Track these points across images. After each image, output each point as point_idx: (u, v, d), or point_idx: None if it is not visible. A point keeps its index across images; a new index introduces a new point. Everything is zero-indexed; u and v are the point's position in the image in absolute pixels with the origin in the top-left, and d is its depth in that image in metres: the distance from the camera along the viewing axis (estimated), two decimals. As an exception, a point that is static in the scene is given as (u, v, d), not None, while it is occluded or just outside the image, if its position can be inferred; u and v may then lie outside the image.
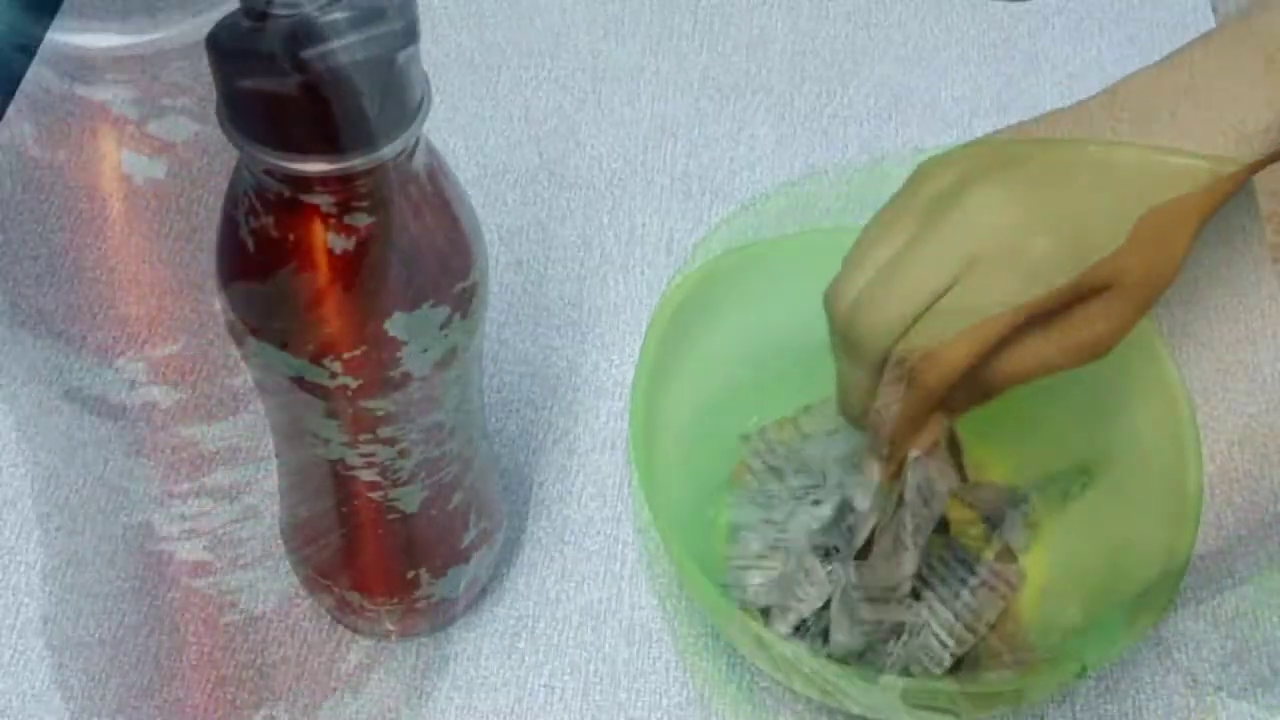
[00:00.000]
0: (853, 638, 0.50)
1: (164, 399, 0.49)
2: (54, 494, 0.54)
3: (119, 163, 0.43)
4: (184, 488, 0.53)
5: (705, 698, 0.52)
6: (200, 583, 0.53)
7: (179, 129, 0.42)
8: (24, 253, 0.46)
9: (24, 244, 0.46)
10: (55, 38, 0.40)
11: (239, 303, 0.40)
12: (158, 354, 0.48)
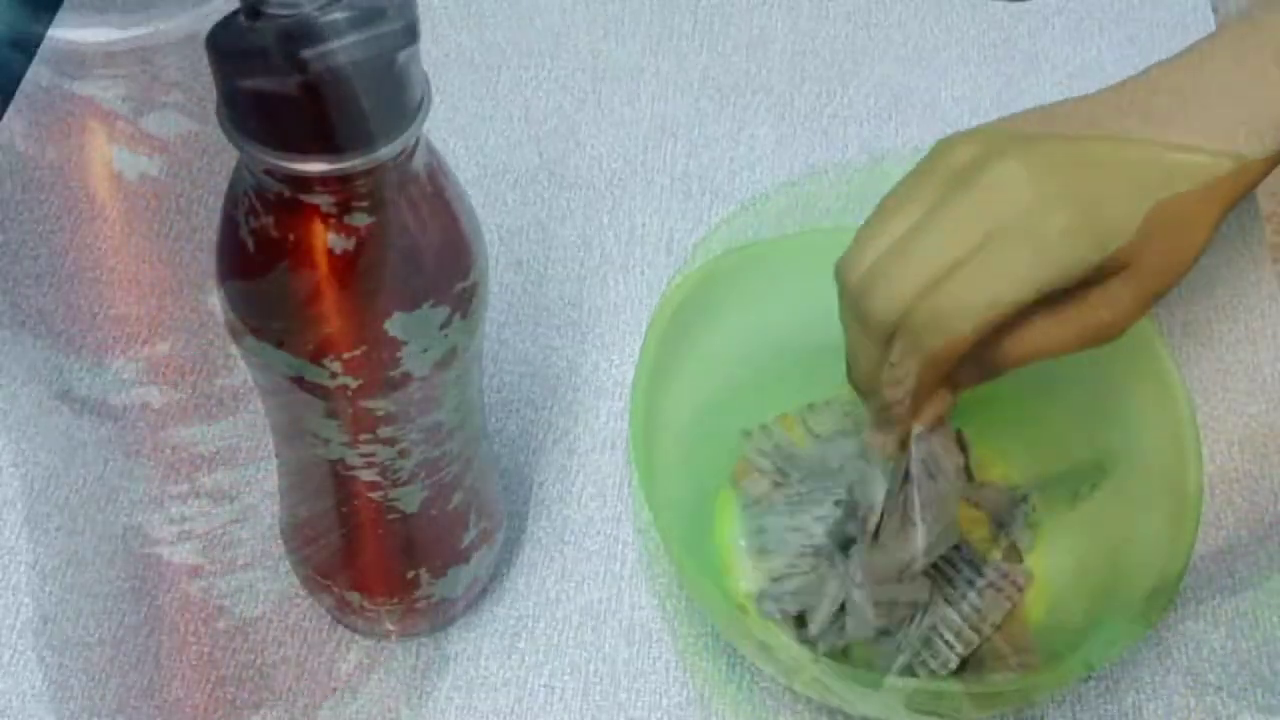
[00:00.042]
0: (866, 623, 0.50)
1: (162, 399, 0.49)
2: (53, 494, 0.54)
3: (113, 160, 0.43)
4: (183, 488, 0.53)
5: (705, 698, 0.52)
6: (199, 583, 0.53)
7: (173, 125, 0.42)
8: (23, 252, 0.46)
9: (23, 244, 0.46)
10: (52, 34, 0.40)
11: (239, 302, 0.40)
12: (155, 354, 0.48)
